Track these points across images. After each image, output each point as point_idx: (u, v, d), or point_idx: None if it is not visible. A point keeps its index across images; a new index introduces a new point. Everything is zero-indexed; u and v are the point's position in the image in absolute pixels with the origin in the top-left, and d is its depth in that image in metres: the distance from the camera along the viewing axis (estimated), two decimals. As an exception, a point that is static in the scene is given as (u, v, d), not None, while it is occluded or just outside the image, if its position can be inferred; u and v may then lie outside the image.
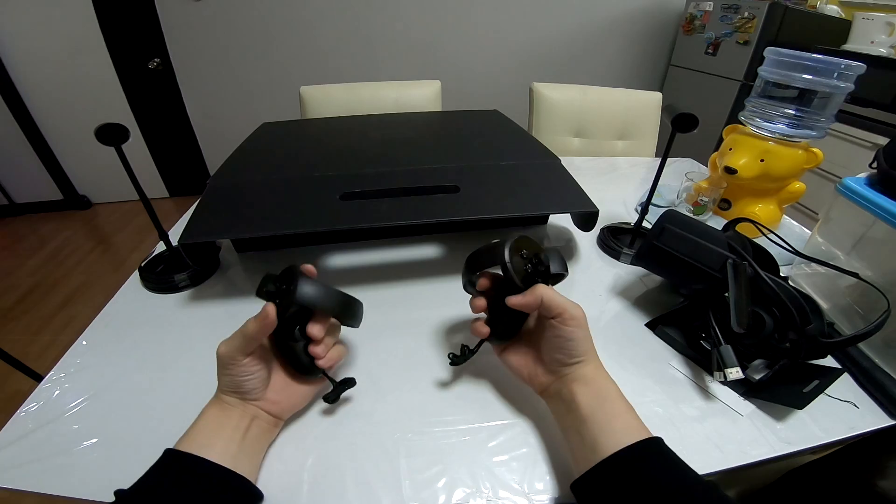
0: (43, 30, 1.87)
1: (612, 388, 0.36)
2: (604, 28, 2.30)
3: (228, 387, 0.35)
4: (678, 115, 0.55)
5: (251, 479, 0.33)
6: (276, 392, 0.37)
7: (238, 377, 0.34)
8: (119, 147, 0.50)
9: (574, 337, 0.36)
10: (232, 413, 0.34)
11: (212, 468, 0.30)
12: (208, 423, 0.34)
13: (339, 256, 0.64)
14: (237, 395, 0.35)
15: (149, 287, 0.57)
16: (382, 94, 1.18)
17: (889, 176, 0.50)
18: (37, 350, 1.46)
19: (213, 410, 0.35)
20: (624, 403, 0.35)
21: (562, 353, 0.37)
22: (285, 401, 0.38)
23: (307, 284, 0.36)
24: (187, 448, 0.31)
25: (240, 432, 0.34)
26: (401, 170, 0.62)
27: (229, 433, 0.33)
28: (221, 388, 0.35)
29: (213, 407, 0.35)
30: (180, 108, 2.19)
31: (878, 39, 1.74)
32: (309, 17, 2.03)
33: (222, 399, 0.35)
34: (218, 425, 0.34)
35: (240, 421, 0.34)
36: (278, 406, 0.37)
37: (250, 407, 0.35)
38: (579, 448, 0.34)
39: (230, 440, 0.33)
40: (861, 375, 0.47)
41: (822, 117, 0.67)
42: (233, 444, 0.33)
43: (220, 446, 0.32)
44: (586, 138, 1.27)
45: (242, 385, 0.35)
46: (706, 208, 0.74)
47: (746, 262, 0.44)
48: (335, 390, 0.40)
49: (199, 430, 0.33)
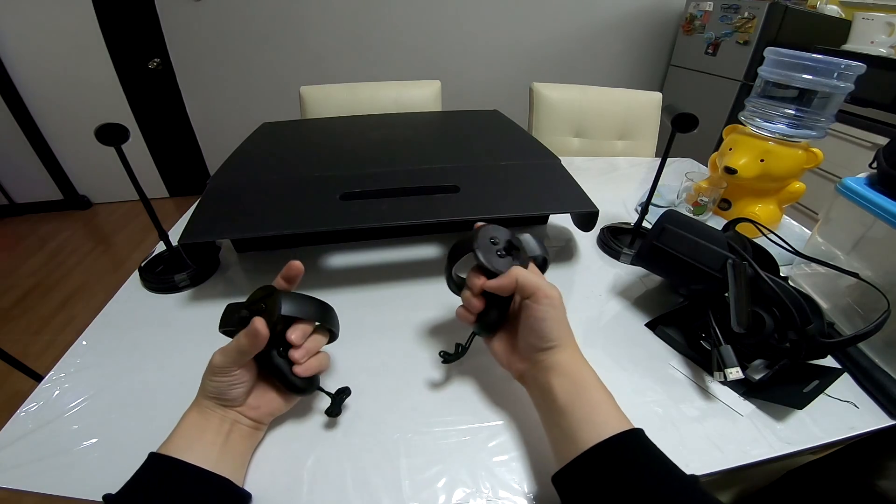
0: (43, 30, 1.87)
1: (590, 376, 0.35)
2: (604, 28, 2.30)
3: (212, 392, 0.34)
4: (678, 115, 0.55)
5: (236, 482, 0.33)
6: (256, 398, 0.37)
7: (225, 385, 0.34)
8: (119, 147, 0.50)
9: (546, 317, 0.36)
10: (211, 417, 0.34)
11: (195, 471, 0.30)
12: (188, 427, 0.33)
13: (339, 256, 0.64)
14: (218, 401, 0.35)
15: (149, 287, 0.57)
16: (382, 94, 1.18)
17: (889, 176, 0.50)
18: (37, 350, 1.46)
19: (192, 415, 0.34)
20: (603, 393, 0.34)
21: (535, 336, 0.36)
22: (265, 406, 0.37)
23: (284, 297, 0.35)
24: (169, 452, 0.31)
25: (221, 436, 0.33)
26: (401, 170, 0.62)
27: (210, 437, 0.33)
28: (203, 393, 0.35)
29: (192, 412, 0.35)
30: (180, 108, 2.19)
31: (878, 39, 1.74)
32: (309, 18, 2.03)
33: (202, 404, 0.35)
34: (198, 430, 0.33)
35: (220, 425, 0.34)
36: (258, 412, 0.36)
37: (230, 412, 0.35)
38: (559, 439, 0.34)
39: (211, 444, 0.33)
40: (861, 375, 0.46)
41: (822, 117, 0.67)
42: (214, 449, 0.33)
43: (200, 450, 0.32)
44: (586, 138, 1.27)
45: (227, 392, 0.34)
46: (706, 208, 0.74)
47: (746, 262, 0.44)
48: (334, 402, 0.39)
49: (180, 434, 0.33)
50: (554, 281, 0.37)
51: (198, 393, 0.35)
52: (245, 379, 0.35)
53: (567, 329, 0.37)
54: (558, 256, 0.66)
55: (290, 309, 0.36)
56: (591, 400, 0.34)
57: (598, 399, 0.34)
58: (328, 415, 0.39)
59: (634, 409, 0.42)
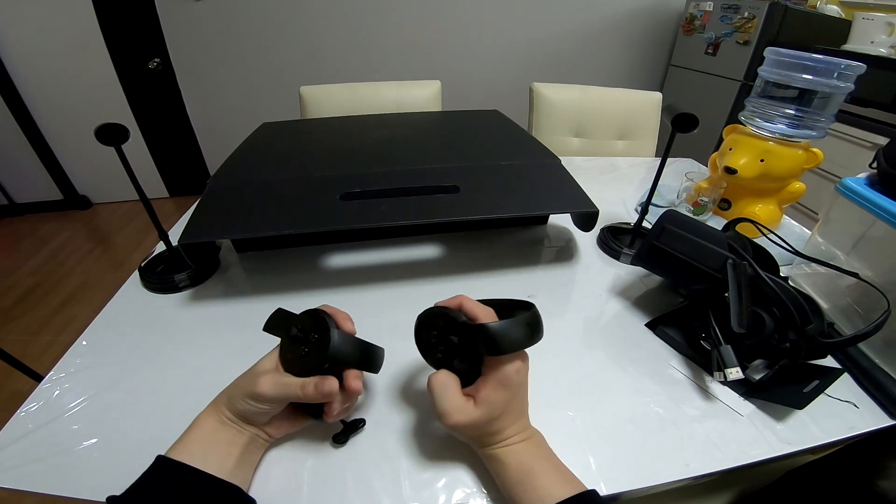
0: (43, 30, 1.87)
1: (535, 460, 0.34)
2: (604, 28, 2.30)
3: (240, 412, 0.34)
4: (678, 115, 0.55)
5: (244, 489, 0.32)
6: (281, 419, 0.36)
7: (260, 412, 0.33)
8: (119, 147, 0.50)
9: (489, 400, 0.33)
10: (230, 429, 0.34)
11: (206, 478, 0.30)
12: (204, 434, 0.33)
13: (339, 256, 0.64)
14: (242, 419, 0.34)
15: (149, 287, 0.57)
16: (382, 94, 1.18)
17: (889, 176, 0.50)
18: (37, 350, 1.46)
19: (210, 422, 0.34)
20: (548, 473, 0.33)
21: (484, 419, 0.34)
22: (286, 426, 0.37)
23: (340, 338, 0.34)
24: (181, 457, 0.31)
25: (237, 448, 0.33)
26: (401, 170, 0.62)
27: (226, 448, 0.33)
28: (228, 405, 0.34)
29: (210, 418, 0.34)
30: (180, 108, 2.19)
31: (878, 39, 1.74)
32: (309, 17, 2.03)
33: (223, 415, 0.34)
34: (214, 439, 0.33)
35: (237, 437, 0.34)
36: (278, 430, 0.37)
37: (251, 428, 0.35)
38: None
39: (227, 455, 0.32)
40: (861, 375, 0.47)
41: (822, 117, 0.67)
42: (230, 459, 0.32)
43: (216, 459, 0.32)
44: (586, 138, 1.27)
45: (257, 418, 0.34)
46: (706, 208, 0.74)
47: (746, 262, 0.44)
48: (344, 432, 0.38)
49: (195, 440, 0.33)
50: (554, 281, 0.37)
51: (220, 401, 0.35)
52: (277, 408, 0.34)
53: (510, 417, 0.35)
54: (558, 256, 0.66)
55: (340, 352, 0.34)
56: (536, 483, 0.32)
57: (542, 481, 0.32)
58: (335, 441, 0.38)
59: (634, 409, 0.43)
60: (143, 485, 0.29)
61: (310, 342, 0.34)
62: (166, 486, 0.30)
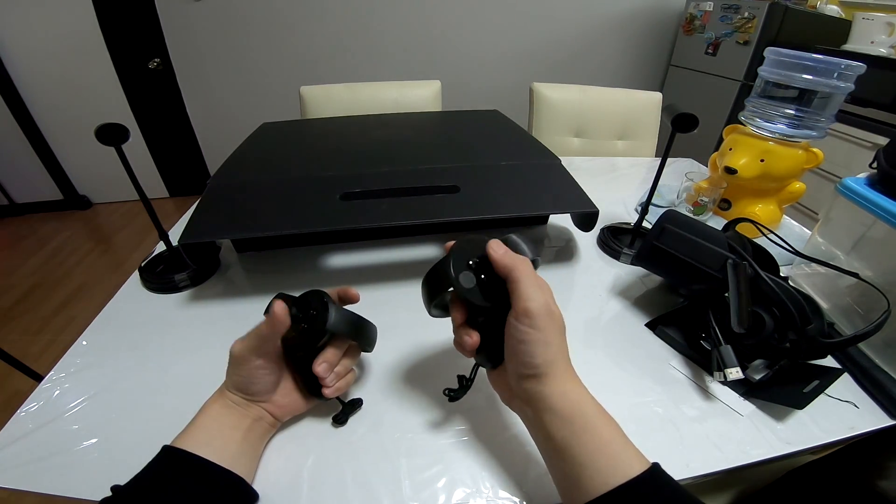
0: (43, 30, 1.87)
1: (588, 409, 0.30)
2: (604, 28, 2.30)
3: (236, 386, 0.35)
4: (678, 115, 0.55)
5: (248, 479, 0.33)
6: (284, 396, 0.37)
7: (249, 378, 0.34)
8: (119, 147, 0.50)
9: (526, 339, 0.30)
10: (234, 412, 0.34)
11: (210, 467, 0.30)
12: (209, 420, 0.34)
13: (339, 256, 0.64)
14: (243, 395, 0.35)
15: (149, 287, 0.57)
16: (382, 94, 1.18)
17: (889, 176, 0.50)
18: (37, 350, 1.46)
19: (215, 407, 0.34)
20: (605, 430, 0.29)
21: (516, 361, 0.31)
22: (290, 405, 0.38)
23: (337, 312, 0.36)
24: (186, 445, 0.31)
25: (240, 432, 0.34)
26: (401, 170, 0.62)
27: (229, 433, 0.33)
28: (228, 386, 0.35)
29: (215, 404, 0.35)
30: (180, 108, 2.19)
31: (878, 39, 1.74)
32: (309, 17, 2.03)
33: (226, 396, 0.35)
34: (218, 424, 0.33)
35: (241, 421, 0.34)
36: (283, 409, 0.37)
37: (255, 408, 0.35)
38: (561, 481, 0.30)
39: (230, 440, 0.33)
40: (861, 375, 0.46)
41: (822, 117, 0.67)
42: (232, 444, 0.33)
43: (219, 445, 0.32)
44: (586, 138, 1.27)
45: (251, 386, 0.34)
46: (706, 208, 0.74)
47: (746, 262, 0.44)
48: (344, 411, 0.40)
49: (199, 427, 0.33)
50: (554, 281, 0.37)
51: (222, 386, 0.36)
52: (267, 372, 0.35)
53: (556, 352, 0.31)
54: (558, 256, 0.66)
55: (337, 326, 0.36)
56: (593, 442, 0.28)
57: (599, 440, 0.29)
58: (335, 421, 0.40)
59: (634, 409, 0.43)
60: (146, 473, 0.30)
61: (308, 318, 0.36)
62: (168, 475, 0.30)
